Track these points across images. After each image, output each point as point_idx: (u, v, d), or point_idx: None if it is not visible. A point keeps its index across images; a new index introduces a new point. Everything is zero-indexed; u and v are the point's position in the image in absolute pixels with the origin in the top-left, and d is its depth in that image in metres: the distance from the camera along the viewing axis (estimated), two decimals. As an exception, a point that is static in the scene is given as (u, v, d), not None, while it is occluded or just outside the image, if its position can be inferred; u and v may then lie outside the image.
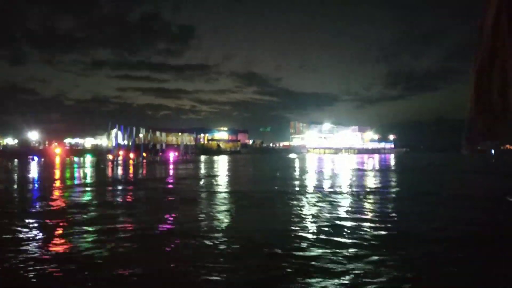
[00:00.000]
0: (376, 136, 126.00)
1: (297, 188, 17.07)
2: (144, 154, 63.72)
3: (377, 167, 38.28)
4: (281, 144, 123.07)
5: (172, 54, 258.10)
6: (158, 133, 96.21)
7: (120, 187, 18.22)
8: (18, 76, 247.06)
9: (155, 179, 23.77)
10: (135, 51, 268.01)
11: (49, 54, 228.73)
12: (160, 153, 65.98)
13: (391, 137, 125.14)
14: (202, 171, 32.73)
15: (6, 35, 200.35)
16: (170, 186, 19.54)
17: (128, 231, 8.27)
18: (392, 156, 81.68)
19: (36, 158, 59.05)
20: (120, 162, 47.97)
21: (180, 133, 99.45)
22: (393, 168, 37.71)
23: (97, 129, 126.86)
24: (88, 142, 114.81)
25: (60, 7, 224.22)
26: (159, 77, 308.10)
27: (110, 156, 56.76)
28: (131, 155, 60.28)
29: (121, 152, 58.90)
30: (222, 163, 48.43)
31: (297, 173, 28.55)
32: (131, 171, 31.91)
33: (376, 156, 77.60)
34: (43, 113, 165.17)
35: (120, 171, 31.78)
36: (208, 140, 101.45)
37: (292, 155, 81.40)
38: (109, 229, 8.36)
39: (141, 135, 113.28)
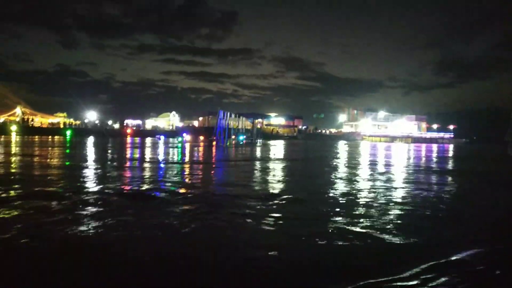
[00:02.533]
0: (435, 125, 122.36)
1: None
2: (213, 137, 67.82)
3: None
4: (332, 130, 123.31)
5: (215, 38, 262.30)
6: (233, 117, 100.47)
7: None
8: (70, 59, 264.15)
9: (265, 158, 26.77)
10: (180, 36, 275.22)
11: (99, 39, 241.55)
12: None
13: (451, 126, 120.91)
14: (294, 153, 35.73)
15: (59, 21, 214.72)
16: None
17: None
18: (452, 146, 79.74)
19: (162, 138, 65.55)
20: (201, 144, 52.15)
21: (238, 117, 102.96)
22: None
23: (147, 111, 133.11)
24: (148, 123, 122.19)
25: None
26: (203, 61, 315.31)
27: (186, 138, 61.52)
28: (201, 138, 64.51)
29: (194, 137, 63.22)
30: (291, 147, 50.82)
31: (385, 159, 30.24)
32: (234, 152, 35.25)
33: (435, 146, 76.22)
34: (92, 95, 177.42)
35: (221, 152, 35.06)
36: (265, 125, 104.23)
37: (348, 142, 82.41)
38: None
39: (200, 119, 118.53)
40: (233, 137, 68.46)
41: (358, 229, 7.64)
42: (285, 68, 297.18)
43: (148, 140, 63.35)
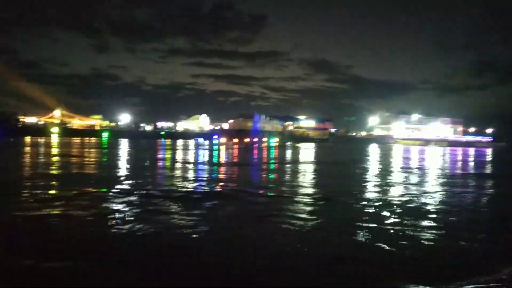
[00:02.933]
0: (471, 129, 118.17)
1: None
2: (247, 140, 68.48)
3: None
4: (363, 133, 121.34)
5: (243, 42, 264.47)
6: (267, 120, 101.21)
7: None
8: (103, 63, 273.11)
9: (309, 161, 26.84)
10: (209, 39, 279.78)
11: (130, 43, 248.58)
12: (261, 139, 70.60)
13: (489, 130, 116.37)
14: (331, 156, 35.53)
15: (93, 26, 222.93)
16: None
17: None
18: (491, 150, 76.56)
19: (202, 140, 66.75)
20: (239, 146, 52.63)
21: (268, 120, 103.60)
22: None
23: (177, 114, 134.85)
24: (180, 126, 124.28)
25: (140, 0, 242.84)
26: (231, 64, 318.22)
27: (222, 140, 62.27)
28: (235, 140, 65.12)
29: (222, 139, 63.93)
30: (325, 150, 50.43)
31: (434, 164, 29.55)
32: (276, 153, 35.53)
33: (473, 150, 73.48)
34: (124, 97, 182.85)
35: (265, 153, 35.42)
36: (296, 128, 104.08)
37: (380, 145, 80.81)
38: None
39: (231, 121, 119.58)
40: (264, 139, 68.70)
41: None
42: (313, 70, 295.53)
43: (183, 142, 64.47)
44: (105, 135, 79.13)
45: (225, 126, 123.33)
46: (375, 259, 6.04)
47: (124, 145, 47.55)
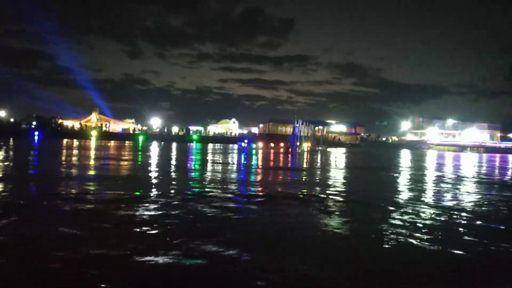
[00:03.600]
0: (511, 134, 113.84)
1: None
2: (282, 144, 68.72)
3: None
4: (395, 138, 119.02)
5: (271, 46, 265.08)
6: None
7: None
8: (135, 68, 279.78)
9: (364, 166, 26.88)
10: (237, 44, 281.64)
11: (161, 49, 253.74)
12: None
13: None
14: (367, 161, 35.36)
15: (126, 32, 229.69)
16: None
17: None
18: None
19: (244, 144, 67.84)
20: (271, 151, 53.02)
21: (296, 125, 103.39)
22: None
23: (204, 118, 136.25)
24: (210, 130, 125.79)
25: (171, 5, 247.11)
26: (258, 68, 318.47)
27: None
28: (272, 145, 65.38)
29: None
30: (359, 155, 50.05)
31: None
32: (319, 159, 35.81)
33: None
34: (154, 102, 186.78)
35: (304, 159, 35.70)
36: (327, 133, 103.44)
37: (413, 150, 79.19)
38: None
39: (261, 125, 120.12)
40: (297, 143, 68.41)
41: None
42: (342, 74, 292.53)
43: (220, 146, 65.36)
44: (140, 138, 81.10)
45: (254, 130, 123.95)
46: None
47: (168, 149, 48.68)
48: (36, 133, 68.50)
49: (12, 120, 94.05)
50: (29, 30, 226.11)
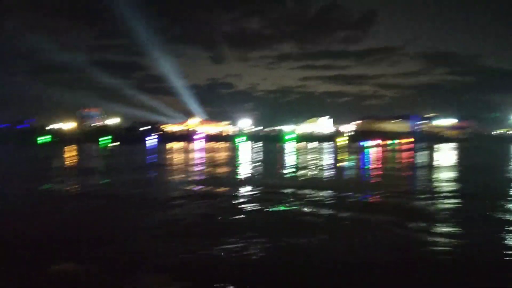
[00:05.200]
0: None
1: None
2: (380, 141, 66.13)
3: None
4: (504, 131, 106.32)
5: (353, 40, 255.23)
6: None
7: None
8: (218, 73, 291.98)
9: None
10: (316, 41, 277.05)
11: (243, 52, 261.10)
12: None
13: None
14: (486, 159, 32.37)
15: (210, 39, 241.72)
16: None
17: None
18: None
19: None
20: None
21: (393, 120, 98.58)
22: None
23: (287, 117, 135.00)
24: (301, 129, 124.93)
25: (250, 9, 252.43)
26: (340, 64, 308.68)
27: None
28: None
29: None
30: (475, 152, 45.45)
31: None
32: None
33: None
34: (238, 104, 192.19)
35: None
36: (430, 127, 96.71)
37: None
38: None
39: (358, 122, 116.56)
40: (402, 140, 65.16)
41: None
42: (431, 64, 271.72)
43: (319, 145, 64.78)
44: (239, 140, 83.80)
45: (342, 128, 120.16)
46: None
47: (275, 149, 49.56)
48: (153, 137, 74.40)
49: (122, 126, 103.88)
50: (125, 44, 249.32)
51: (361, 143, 66.04)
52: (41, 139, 68.98)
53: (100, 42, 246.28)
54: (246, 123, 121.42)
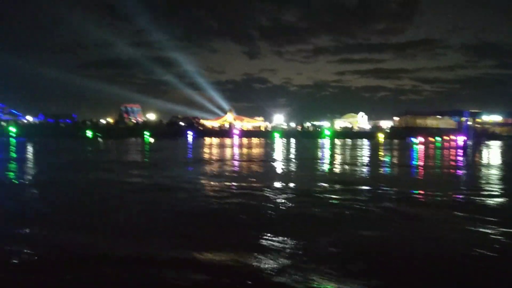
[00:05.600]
0: None
1: None
2: (431, 138, 63.64)
3: None
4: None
5: (392, 32, 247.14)
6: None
7: None
8: (253, 68, 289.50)
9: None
10: (354, 34, 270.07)
11: (278, 46, 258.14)
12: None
13: None
14: None
15: (245, 34, 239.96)
16: None
17: None
18: None
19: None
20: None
21: (439, 116, 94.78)
22: None
23: (322, 113, 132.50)
24: (336, 124, 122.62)
25: (285, 1, 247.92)
26: (378, 57, 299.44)
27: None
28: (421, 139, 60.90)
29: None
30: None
31: None
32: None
33: None
34: (272, 99, 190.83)
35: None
36: (478, 124, 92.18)
37: None
38: None
39: (396, 118, 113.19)
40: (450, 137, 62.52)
41: None
42: (477, 56, 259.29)
43: (360, 142, 63.11)
44: (277, 135, 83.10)
45: (382, 123, 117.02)
46: None
47: (318, 145, 48.64)
48: (190, 133, 75.23)
49: (162, 121, 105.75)
50: (159, 40, 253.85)
51: (410, 139, 63.69)
52: (88, 133, 71.12)
53: (140, 38, 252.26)
54: (279, 119, 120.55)
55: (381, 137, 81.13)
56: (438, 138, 65.29)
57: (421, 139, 61.96)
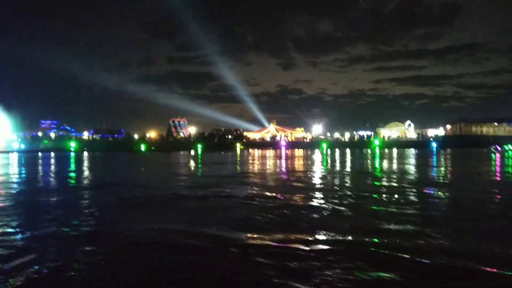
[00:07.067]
0: None
1: None
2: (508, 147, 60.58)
3: None
4: None
5: (432, 37, 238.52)
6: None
7: None
8: (288, 79, 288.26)
9: None
10: (391, 41, 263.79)
11: (312, 57, 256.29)
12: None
13: None
14: None
15: (280, 45, 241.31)
16: None
17: None
18: None
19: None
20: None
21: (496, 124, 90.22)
22: None
23: (359, 122, 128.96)
24: (380, 134, 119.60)
25: (320, 12, 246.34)
26: (416, 64, 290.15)
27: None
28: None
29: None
30: None
31: None
32: None
33: None
34: (307, 110, 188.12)
35: None
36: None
37: None
38: None
39: (448, 127, 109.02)
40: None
41: None
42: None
43: (419, 151, 60.94)
44: (324, 146, 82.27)
45: (430, 132, 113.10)
46: None
47: (373, 156, 47.37)
48: (239, 145, 75.97)
49: (204, 133, 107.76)
50: (199, 56, 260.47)
51: (496, 147, 60.71)
52: (142, 147, 73.54)
53: (178, 54, 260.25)
54: (318, 129, 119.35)
55: (434, 146, 78.40)
56: (511, 146, 61.82)
57: (497, 148, 59.16)
